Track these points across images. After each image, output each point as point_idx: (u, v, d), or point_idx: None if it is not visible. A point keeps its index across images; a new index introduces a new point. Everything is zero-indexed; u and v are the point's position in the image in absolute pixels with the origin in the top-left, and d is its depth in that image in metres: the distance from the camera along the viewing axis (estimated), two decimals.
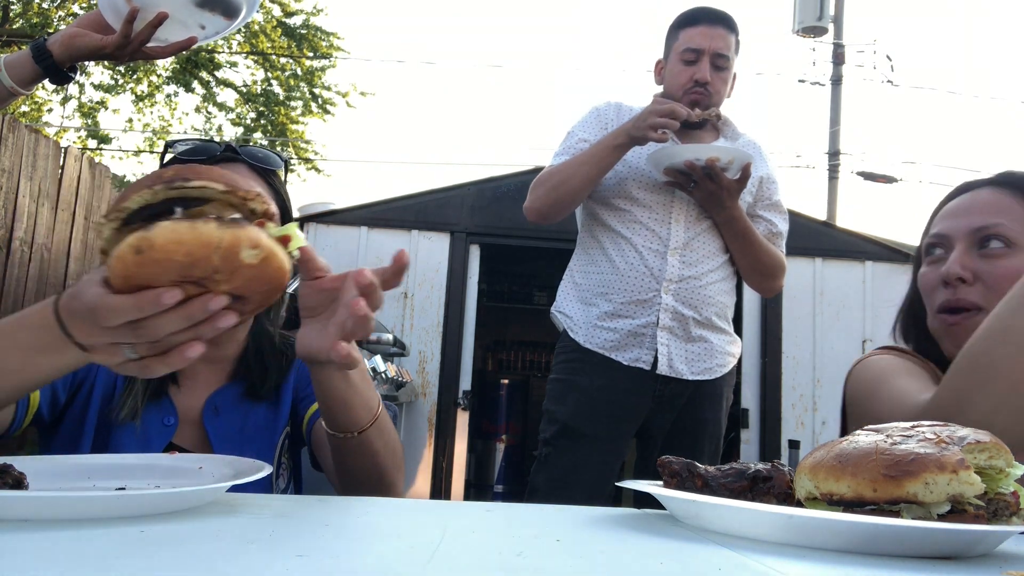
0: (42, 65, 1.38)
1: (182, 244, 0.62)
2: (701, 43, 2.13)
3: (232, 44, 11.02)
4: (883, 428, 0.69)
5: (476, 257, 5.11)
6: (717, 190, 2.03)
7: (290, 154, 11.24)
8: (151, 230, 0.62)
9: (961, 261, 1.07)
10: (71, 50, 1.38)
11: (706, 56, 2.12)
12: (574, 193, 2.10)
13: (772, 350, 5.07)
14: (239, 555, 0.53)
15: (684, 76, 2.14)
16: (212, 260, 0.64)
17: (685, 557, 0.59)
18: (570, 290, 2.24)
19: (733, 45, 2.16)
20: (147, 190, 0.64)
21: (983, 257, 1.07)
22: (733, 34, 2.16)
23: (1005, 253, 1.05)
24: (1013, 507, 0.65)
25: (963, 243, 1.08)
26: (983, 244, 1.07)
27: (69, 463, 0.84)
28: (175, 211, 0.64)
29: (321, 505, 0.80)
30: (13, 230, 3.65)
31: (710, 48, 2.12)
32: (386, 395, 3.32)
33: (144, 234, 0.62)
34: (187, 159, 1.16)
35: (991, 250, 1.06)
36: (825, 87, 10.89)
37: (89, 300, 0.67)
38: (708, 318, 2.13)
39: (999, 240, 1.05)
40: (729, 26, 2.16)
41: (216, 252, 0.64)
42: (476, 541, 0.62)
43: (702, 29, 2.14)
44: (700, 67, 2.12)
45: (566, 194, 2.10)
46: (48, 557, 0.49)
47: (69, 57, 1.38)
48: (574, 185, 2.08)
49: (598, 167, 2.07)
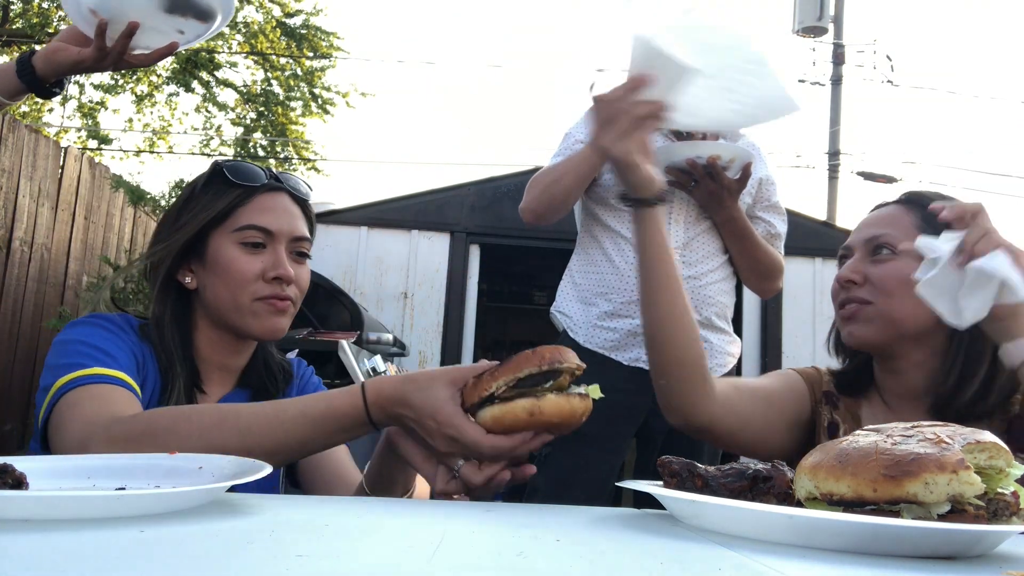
0: (24, 80, 1.38)
1: (559, 413, 0.88)
2: None
3: (232, 44, 11.03)
4: (883, 428, 0.69)
5: (476, 257, 5.11)
6: (718, 189, 2.03)
7: (290, 154, 11.24)
8: (541, 400, 0.87)
9: (853, 266, 1.26)
10: (53, 65, 1.37)
11: None
12: (567, 192, 2.08)
13: (772, 350, 5.07)
14: (239, 555, 0.53)
15: None
16: (572, 423, 0.89)
17: (685, 557, 0.59)
18: (570, 290, 2.24)
19: None
20: (535, 367, 0.88)
21: (874, 263, 1.24)
22: None
23: (890, 258, 1.23)
24: (1013, 507, 0.65)
25: (860, 251, 1.27)
26: (875, 252, 1.25)
27: (69, 463, 0.84)
28: (547, 380, 0.88)
29: (321, 505, 0.80)
30: (13, 230, 3.65)
31: None
32: None
33: (536, 402, 0.87)
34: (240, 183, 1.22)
35: (879, 256, 1.24)
36: (825, 87, 10.90)
37: (471, 438, 0.90)
38: (708, 318, 2.13)
39: (886, 248, 1.23)
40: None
41: (575, 418, 0.89)
42: (476, 541, 0.62)
43: None
44: None
45: (559, 194, 2.08)
46: (48, 557, 0.49)
47: (52, 72, 1.38)
48: (567, 184, 2.06)
49: (591, 167, 2.05)
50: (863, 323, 1.24)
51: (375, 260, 5.04)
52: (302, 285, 1.23)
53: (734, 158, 2.01)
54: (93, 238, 4.35)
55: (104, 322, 1.16)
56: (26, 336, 3.80)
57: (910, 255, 1.18)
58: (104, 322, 1.16)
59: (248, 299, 1.18)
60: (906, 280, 1.16)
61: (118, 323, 1.18)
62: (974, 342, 1.16)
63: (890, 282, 1.21)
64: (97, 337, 1.12)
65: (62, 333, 1.16)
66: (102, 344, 1.11)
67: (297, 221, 1.24)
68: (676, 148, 2.04)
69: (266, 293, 1.18)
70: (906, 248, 1.20)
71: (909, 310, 1.18)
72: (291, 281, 1.20)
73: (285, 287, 1.19)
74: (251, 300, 1.18)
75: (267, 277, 1.18)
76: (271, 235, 1.20)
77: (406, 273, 5.04)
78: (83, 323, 1.15)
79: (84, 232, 4.26)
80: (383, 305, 4.98)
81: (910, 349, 1.22)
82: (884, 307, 1.21)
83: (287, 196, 1.25)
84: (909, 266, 1.17)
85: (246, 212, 1.20)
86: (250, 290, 1.18)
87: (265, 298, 1.18)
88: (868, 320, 1.23)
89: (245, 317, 1.18)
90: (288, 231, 1.22)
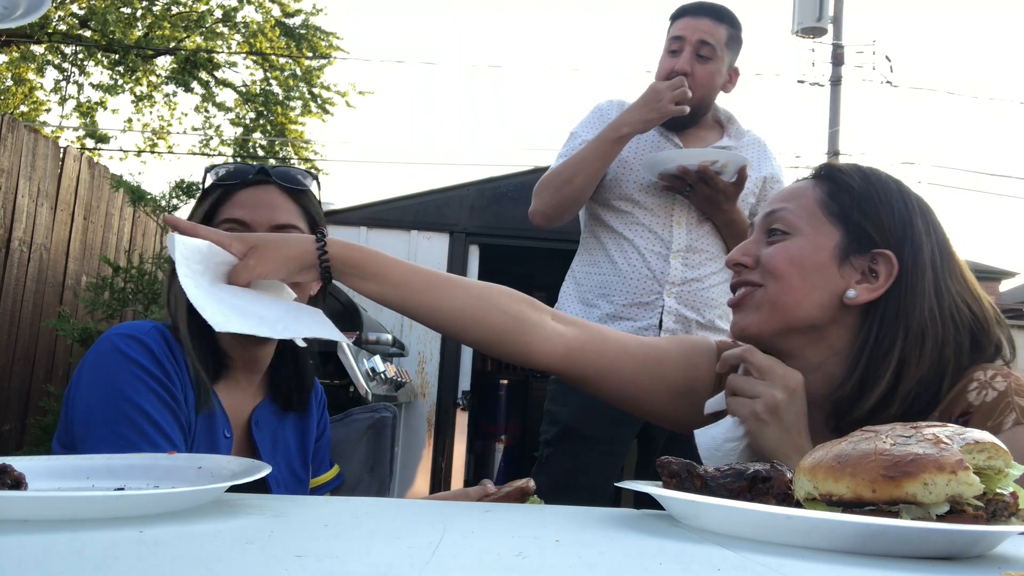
0: None
1: None
2: (683, 33, 2.10)
3: (231, 44, 11.03)
4: (882, 429, 0.69)
5: (475, 257, 5.11)
6: (713, 194, 2.02)
7: (289, 154, 11.24)
8: None
9: (744, 247, 1.13)
10: None
11: (688, 46, 2.08)
12: (578, 192, 2.08)
13: None
14: (239, 555, 0.53)
15: (665, 67, 2.11)
16: None
17: (685, 557, 0.59)
18: (572, 290, 2.23)
19: (723, 36, 2.11)
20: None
21: (768, 243, 1.10)
22: (723, 25, 2.11)
23: (782, 237, 1.09)
24: (1012, 507, 0.65)
25: (758, 229, 1.13)
26: (771, 231, 1.11)
27: (68, 463, 0.84)
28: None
29: (321, 505, 0.80)
30: (12, 230, 3.64)
31: (691, 37, 2.08)
32: (385, 395, 3.32)
33: None
34: (223, 184, 1.24)
35: (773, 236, 1.10)
36: (824, 87, 10.90)
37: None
38: (711, 320, 2.12)
39: (780, 224, 1.10)
40: (717, 16, 2.12)
41: None
42: (476, 541, 0.62)
43: (686, 20, 2.12)
44: (681, 57, 2.08)
45: (570, 193, 2.08)
46: (47, 557, 0.49)
47: None
48: (578, 183, 2.07)
49: (601, 161, 2.05)
50: (751, 310, 1.09)
51: None
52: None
53: (727, 163, 2.00)
54: (92, 238, 4.35)
55: (144, 359, 1.11)
56: (25, 336, 3.80)
57: (808, 234, 1.07)
58: (144, 359, 1.11)
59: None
60: (798, 261, 1.05)
61: (151, 350, 1.12)
62: (879, 343, 1.02)
63: (779, 263, 1.06)
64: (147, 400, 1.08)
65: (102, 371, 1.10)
66: (153, 412, 1.08)
67: (278, 211, 1.23)
68: (668, 156, 2.04)
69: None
70: (803, 226, 1.07)
71: (797, 296, 1.05)
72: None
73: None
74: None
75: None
76: (247, 227, 1.20)
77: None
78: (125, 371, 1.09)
79: (83, 232, 4.26)
80: (382, 306, 4.98)
81: (803, 346, 1.07)
82: (773, 292, 1.06)
83: (275, 188, 1.24)
84: (802, 246, 1.06)
85: (226, 208, 1.22)
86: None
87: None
88: (756, 307, 1.08)
89: None
90: (266, 221, 1.21)
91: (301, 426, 1.33)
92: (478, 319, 1.12)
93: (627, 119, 2.02)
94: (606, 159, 2.05)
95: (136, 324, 1.16)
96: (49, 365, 4.03)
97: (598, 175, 2.08)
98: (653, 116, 2.00)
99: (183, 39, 10.69)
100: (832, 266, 1.06)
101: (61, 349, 4.08)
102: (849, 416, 1.02)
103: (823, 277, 1.05)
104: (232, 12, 10.82)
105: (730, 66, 2.17)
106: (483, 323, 1.13)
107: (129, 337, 1.12)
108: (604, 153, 2.04)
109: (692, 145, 2.17)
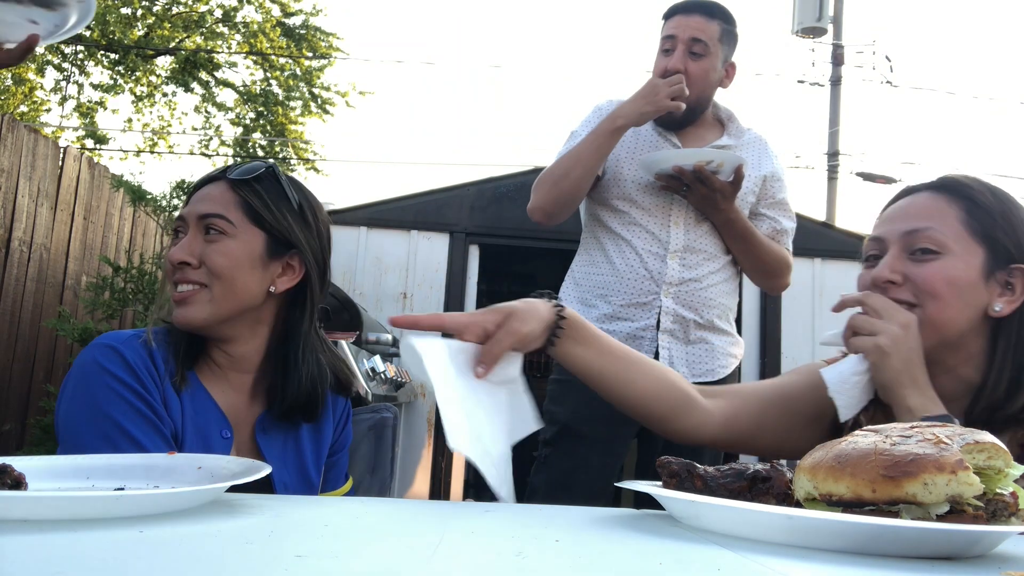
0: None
1: None
2: (675, 31, 2.10)
3: (231, 44, 11.03)
4: (882, 429, 0.69)
5: (475, 257, 5.10)
6: (710, 193, 2.02)
7: (289, 154, 11.24)
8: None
9: (891, 264, 1.13)
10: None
11: (681, 44, 2.08)
12: (575, 186, 2.07)
13: (771, 350, 5.07)
14: (239, 555, 0.53)
15: (660, 67, 2.10)
16: None
17: (685, 557, 0.59)
18: (571, 290, 2.23)
19: (715, 31, 2.10)
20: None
21: (913, 261, 1.12)
22: (714, 20, 2.11)
23: (933, 257, 1.11)
24: (1012, 507, 0.66)
25: (896, 246, 1.14)
26: (914, 248, 1.13)
27: (68, 463, 0.84)
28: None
29: (321, 505, 0.80)
30: (12, 230, 3.64)
31: (683, 35, 2.08)
32: (385, 395, 3.32)
33: None
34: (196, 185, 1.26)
35: (922, 255, 1.12)
36: (824, 88, 10.90)
37: None
38: (710, 320, 2.12)
39: (929, 244, 1.11)
40: (708, 12, 2.11)
41: None
42: (476, 541, 0.62)
43: (677, 19, 2.11)
44: (674, 56, 2.08)
45: (568, 188, 2.08)
46: (47, 558, 0.49)
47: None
48: (575, 177, 2.06)
49: (598, 154, 2.04)
50: None
51: (374, 260, 5.03)
52: (212, 263, 1.17)
53: (723, 163, 2.00)
54: (92, 238, 4.35)
55: (122, 372, 1.11)
56: (25, 336, 3.80)
57: (958, 254, 1.10)
58: (122, 372, 1.11)
59: (172, 290, 1.20)
60: (954, 281, 1.09)
61: (128, 361, 1.13)
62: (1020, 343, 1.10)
63: (937, 284, 1.10)
64: (126, 416, 1.09)
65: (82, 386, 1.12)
66: (132, 428, 1.08)
67: (211, 203, 1.20)
68: (663, 156, 2.04)
69: (174, 279, 1.19)
70: (952, 245, 1.11)
71: (954, 314, 1.10)
72: (187, 262, 1.17)
73: (187, 271, 1.17)
74: (173, 290, 1.19)
75: (173, 264, 1.19)
76: (184, 221, 1.21)
77: (405, 273, 5.03)
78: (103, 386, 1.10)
79: (83, 232, 4.26)
80: (382, 305, 4.97)
81: (943, 352, 1.12)
82: (932, 311, 1.10)
83: (224, 183, 1.22)
84: (956, 266, 1.10)
85: (183, 210, 1.24)
86: (172, 280, 1.19)
87: (175, 284, 1.19)
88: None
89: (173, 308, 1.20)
90: (197, 212, 1.19)
91: (316, 435, 1.31)
92: (661, 395, 1.20)
93: (623, 111, 2.01)
94: (602, 151, 2.04)
95: (116, 334, 1.17)
96: (49, 365, 4.03)
97: (595, 169, 2.07)
98: (649, 109, 2.00)
99: (183, 39, 10.69)
100: (980, 283, 1.11)
101: (61, 349, 4.08)
102: (1001, 412, 1.08)
103: (974, 294, 1.11)
104: (232, 12, 10.83)
105: (726, 61, 2.16)
106: (665, 399, 1.20)
107: (108, 348, 1.13)
108: (600, 146, 2.03)
109: (691, 144, 2.17)
